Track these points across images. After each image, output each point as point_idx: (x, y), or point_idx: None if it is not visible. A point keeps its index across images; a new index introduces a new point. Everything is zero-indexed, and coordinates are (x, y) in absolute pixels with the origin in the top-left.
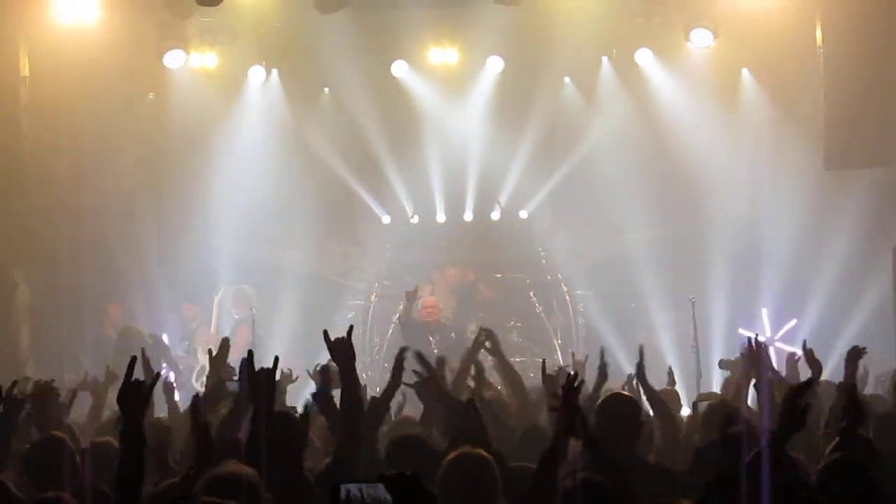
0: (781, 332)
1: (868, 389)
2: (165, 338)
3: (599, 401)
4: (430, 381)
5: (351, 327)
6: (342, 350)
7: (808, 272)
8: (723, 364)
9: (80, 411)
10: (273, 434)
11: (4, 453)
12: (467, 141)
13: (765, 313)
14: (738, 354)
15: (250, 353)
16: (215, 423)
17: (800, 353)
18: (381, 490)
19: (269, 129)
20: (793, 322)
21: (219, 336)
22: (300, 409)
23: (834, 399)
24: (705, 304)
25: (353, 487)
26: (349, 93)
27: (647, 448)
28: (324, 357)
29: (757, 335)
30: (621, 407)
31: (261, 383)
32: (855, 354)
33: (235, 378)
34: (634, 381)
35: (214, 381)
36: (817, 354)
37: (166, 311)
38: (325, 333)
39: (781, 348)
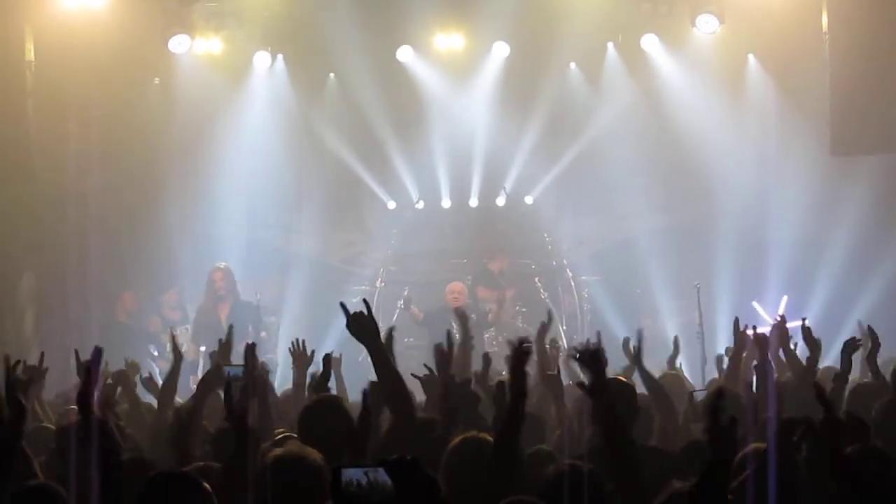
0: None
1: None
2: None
3: None
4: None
5: (366, 301)
6: (362, 326)
7: (814, 258)
8: (729, 352)
9: None
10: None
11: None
12: (473, 127)
13: (784, 300)
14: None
15: (253, 344)
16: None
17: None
18: (382, 474)
19: (275, 115)
20: (798, 322)
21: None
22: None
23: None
24: (711, 291)
25: (355, 472)
26: (355, 78)
27: (647, 433)
28: (328, 343)
29: (753, 327)
30: (616, 392)
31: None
32: (850, 348)
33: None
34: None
35: (214, 366)
36: (823, 340)
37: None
38: (343, 305)
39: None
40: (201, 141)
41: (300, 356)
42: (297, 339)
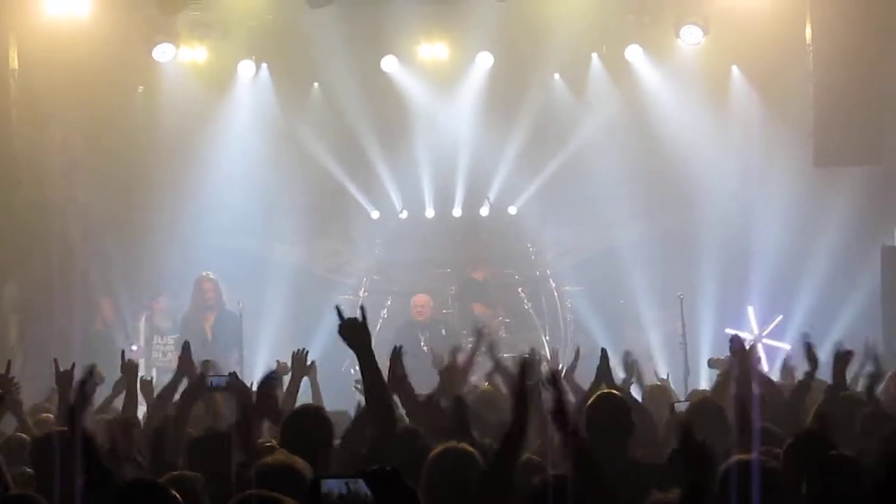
0: (768, 329)
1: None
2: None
3: (590, 399)
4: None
5: (362, 308)
6: (354, 332)
7: (798, 269)
8: (712, 363)
9: None
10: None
11: None
12: (457, 137)
13: (751, 311)
14: (726, 353)
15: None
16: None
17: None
18: (361, 485)
19: (259, 124)
20: (779, 318)
21: None
22: None
23: (821, 400)
24: (694, 301)
25: (335, 483)
26: (339, 88)
27: (633, 447)
28: (313, 351)
29: (737, 336)
30: (612, 407)
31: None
32: (842, 359)
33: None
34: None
35: (194, 376)
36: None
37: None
38: (338, 308)
39: (769, 345)
40: (186, 149)
41: (299, 363)
42: (301, 349)
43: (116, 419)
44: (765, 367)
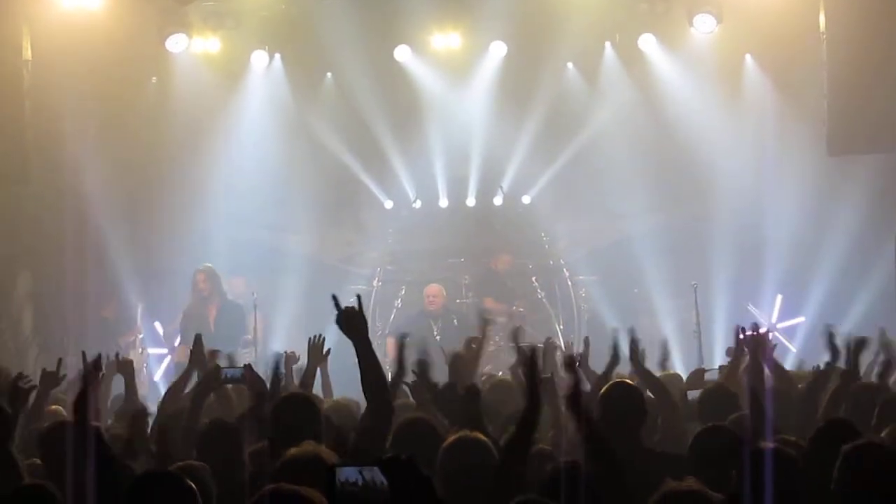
0: (786, 324)
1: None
2: (159, 326)
3: (603, 388)
4: (422, 381)
5: (359, 297)
6: (352, 321)
7: (812, 258)
8: (730, 353)
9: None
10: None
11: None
12: (470, 126)
13: (779, 300)
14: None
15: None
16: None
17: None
18: (377, 473)
19: (272, 114)
20: (800, 319)
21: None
22: None
23: (836, 386)
24: (708, 290)
25: (350, 471)
26: (352, 78)
27: (651, 433)
28: (326, 341)
29: (742, 327)
30: (624, 395)
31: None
32: (859, 345)
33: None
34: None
35: (210, 369)
36: (817, 340)
37: (166, 296)
38: (335, 298)
39: (784, 327)
40: (199, 140)
41: (315, 351)
42: (317, 335)
43: (131, 411)
44: (791, 347)
